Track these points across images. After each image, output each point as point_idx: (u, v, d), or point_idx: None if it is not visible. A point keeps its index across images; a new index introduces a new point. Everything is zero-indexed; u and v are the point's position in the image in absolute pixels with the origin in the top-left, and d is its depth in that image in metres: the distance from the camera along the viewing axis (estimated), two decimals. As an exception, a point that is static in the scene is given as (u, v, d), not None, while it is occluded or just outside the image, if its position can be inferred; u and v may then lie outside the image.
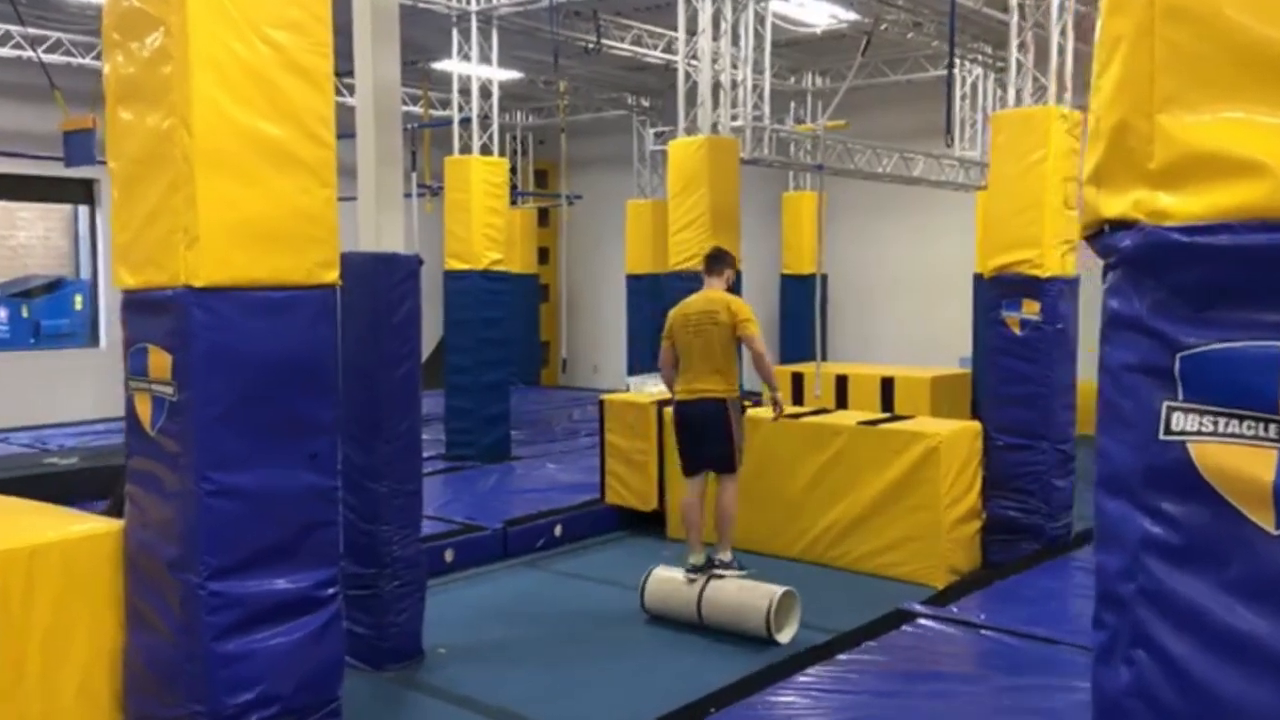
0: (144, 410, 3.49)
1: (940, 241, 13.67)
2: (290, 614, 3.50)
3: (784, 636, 5.68)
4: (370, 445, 5.39)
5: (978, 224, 12.56)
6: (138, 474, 3.57)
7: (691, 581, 6.03)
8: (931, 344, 13.76)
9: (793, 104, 14.15)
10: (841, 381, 12.94)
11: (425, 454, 10.47)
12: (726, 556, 6.10)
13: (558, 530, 7.92)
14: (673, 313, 6.32)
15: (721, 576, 5.97)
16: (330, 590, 3.63)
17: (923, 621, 5.53)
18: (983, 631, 5.43)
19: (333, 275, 3.69)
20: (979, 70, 12.25)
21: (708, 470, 6.26)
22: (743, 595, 5.83)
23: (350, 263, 5.57)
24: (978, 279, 12.48)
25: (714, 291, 6.27)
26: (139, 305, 3.60)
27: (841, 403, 12.18)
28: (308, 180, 3.53)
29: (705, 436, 6.14)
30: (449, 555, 7.20)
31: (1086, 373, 4.64)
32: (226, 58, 3.35)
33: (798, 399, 12.81)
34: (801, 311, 13.11)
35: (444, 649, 5.70)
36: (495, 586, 7.04)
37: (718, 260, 6.42)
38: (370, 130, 5.36)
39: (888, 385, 12.52)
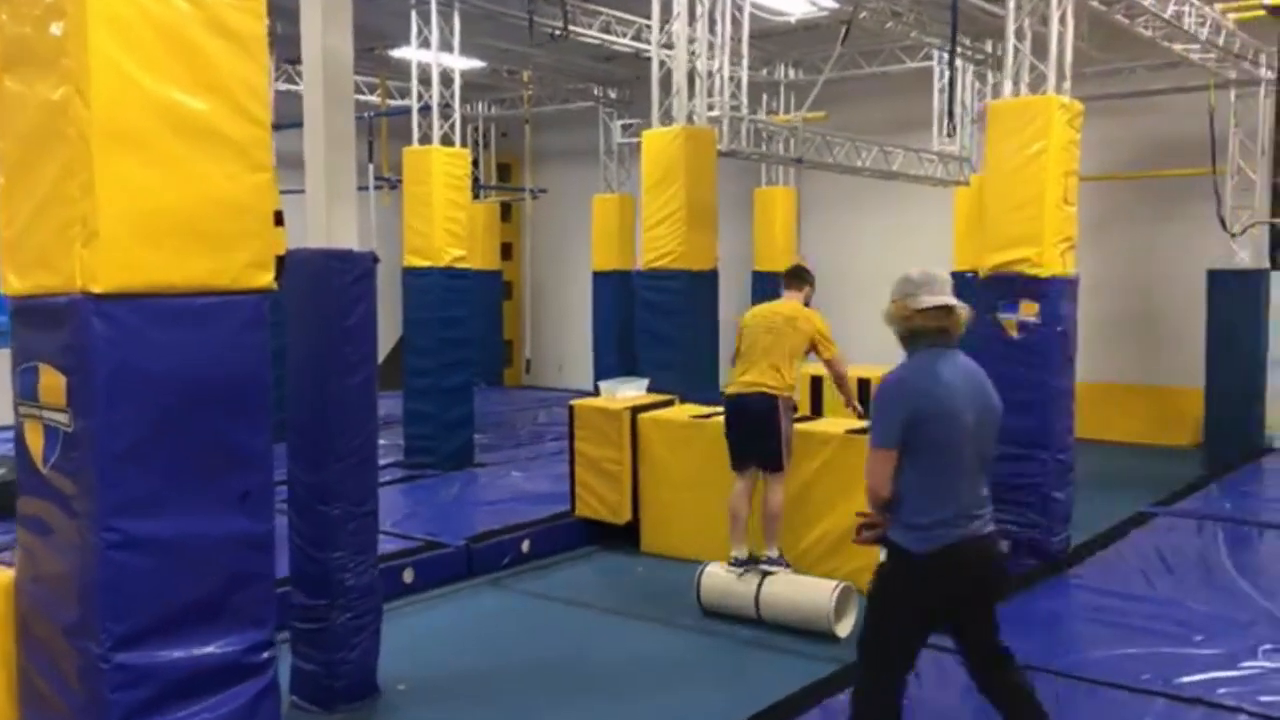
0: (35, 442, 2.90)
1: (916, 239, 13.26)
2: (215, 686, 2.92)
3: (843, 630, 5.73)
4: (320, 463, 4.86)
5: (955, 221, 12.22)
6: (29, 519, 2.97)
7: (740, 576, 6.10)
8: (907, 344, 13.36)
9: (765, 96, 13.72)
10: (815, 383, 12.52)
11: (382, 461, 10.02)
12: (774, 553, 6.17)
13: (525, 546, 7.40)
14: (749, 313, 6.46)
15: (771, 573, 6.05)
16: (264, 655, 3.07)
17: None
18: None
19: (266, 278, 3.10)
20: (959, 63, 11.85)
21: (755, 467, 6.28)
22: (801, 591, 5.89)
23: (298, 261, 5.05)
24: (956, 277, 12.11)
25: (796, 303, 6.39)
26: (27, 315, 2.98)
27: (815, 405, 11.74)
28: (235, 163, 2.95)
29: (756, 431, 6.17)
30: (408, 576, 6.67)
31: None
32: (132, 14, 2.76)
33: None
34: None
35: (403, 685, 5.19)
36: (458, 610, 6.52)
37: (799, 276, 6.57)
38: (318, 108, 4.83)
39: (863, 387, 12.07)
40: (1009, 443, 6.61)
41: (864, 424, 7.16)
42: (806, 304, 6.46)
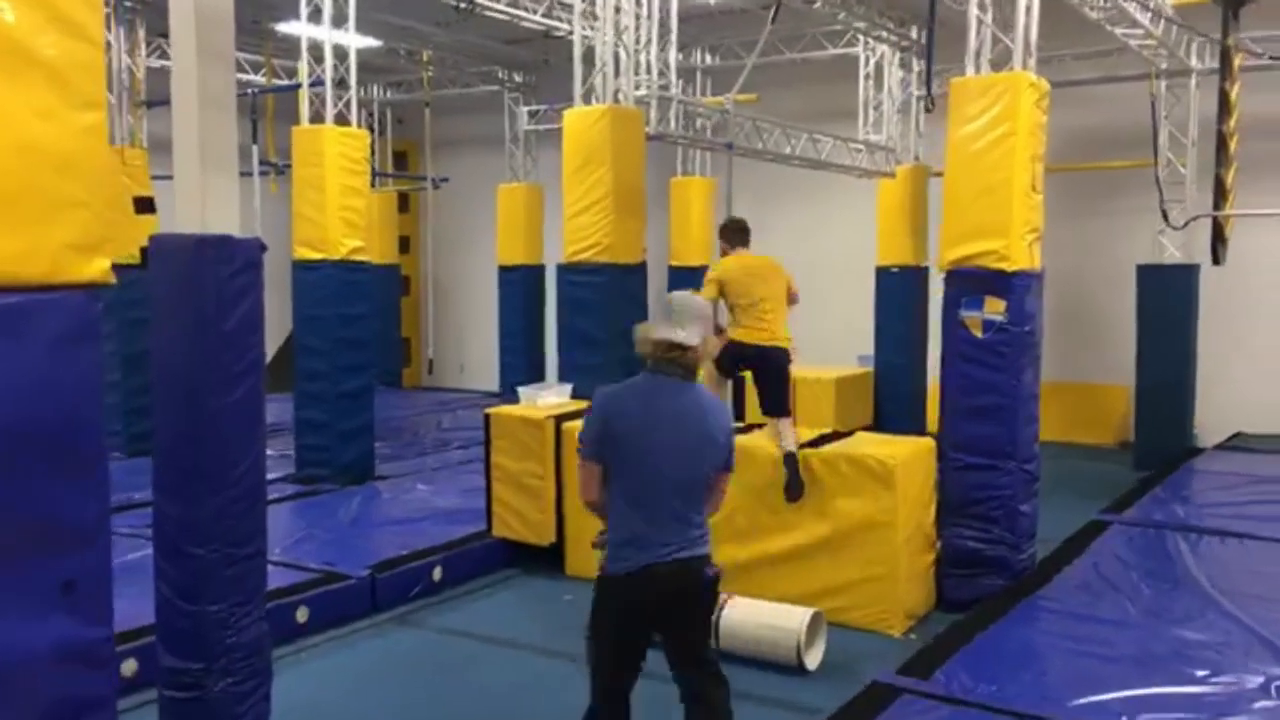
0: None
1: (837, 232, 12.80)
2: None
3: (812, 661, 5.31)
4: (194, 497, 3.98)
5: (879, 214, 11.75)
6: None
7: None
8: (829, 341, 12.84)
9: (681, 82, 13.01)
10: (738, 384, 11.91)
11: (272, 475, 9.00)
12: (793, 447, 6.16)
13: (436, 574, 6.57)
14: (727, 265, 6.43)
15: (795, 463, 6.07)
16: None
17: (909, 699, 4.45)
18: (980, 713, 4.39)
19: (98, 267, 2.21)
20: (884, 49, 11.39)
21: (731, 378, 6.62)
22: (766, 621, 5.41)
23: (164, 249, 4.15)
24: (880, 272, 11.70)
25: (758, 255, 6.53)
26: None
27: (738, 409, 11.12)
28: (50, 95, 2.07)
29: (771, 379, 6.37)
30: (301, 615, 5.79)
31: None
32: None
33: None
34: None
35: (298, 758, 4.34)
36: (361, 654, 5.66)
37: (748, 230, 6.63)
38: (190, 63, 3.94)
39: (789, 388, 11.56)
40: (974, 453, 6.14)
41: (816, 435, 6.56)
42: None
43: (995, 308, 6.03)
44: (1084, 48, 10.34)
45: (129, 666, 4.91)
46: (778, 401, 6.42)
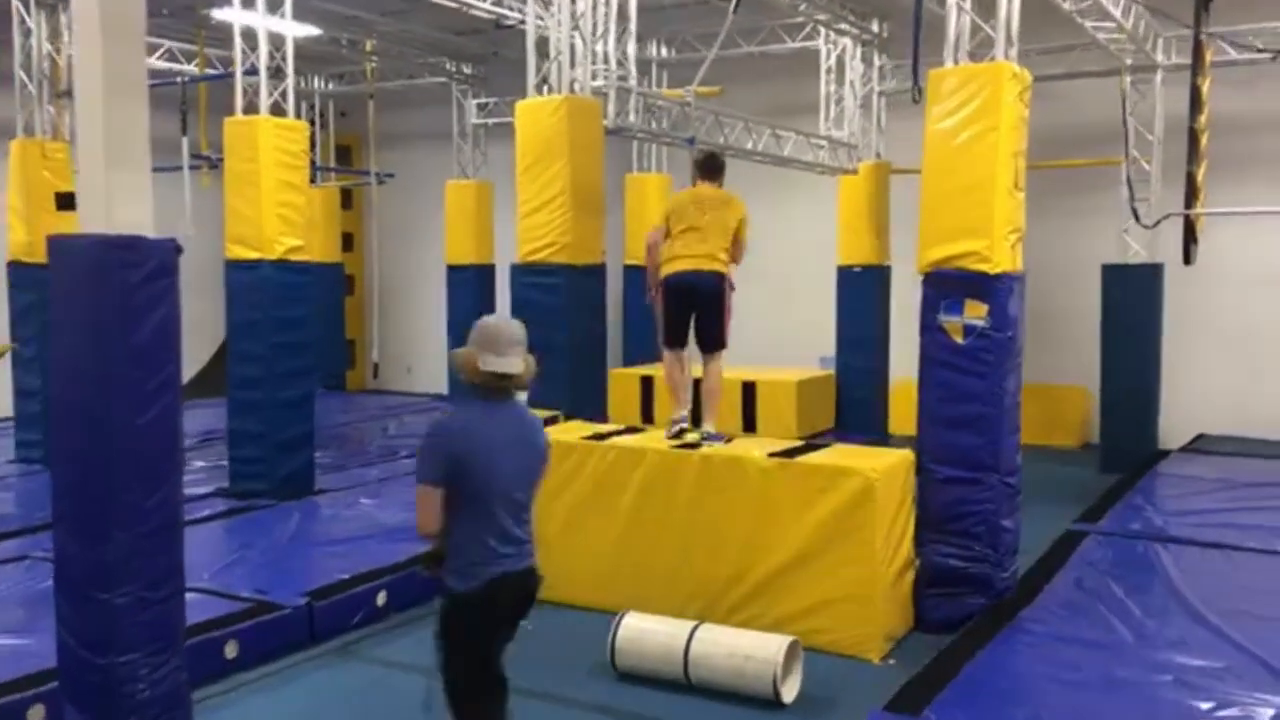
0: None
1: (799, 231, 12.46)
2: None
3: (789, 693, 4.94)
4: (101, 534, 3.50)
5: (840, 212, 11.44)
6: None
7: (680, 434, 6.28)
8: (789, 342, 12.56)
9: (637, 74, 12.60)
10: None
11: (202, 489, 8.56)
12: (713, 429, 6.31)
13: (381, 599, 6.10)
14: (677, 197, 6.39)
15: (711, 445, 6.05)
16: None
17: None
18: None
19: None
20: (845, 43, 11.07)
21: (686, 346, 6.47)
22: (740, 651, 5.03)
23: (64, 251, 3.66)
24: (841, 271, 11.39)
25: (719, 189, 6.40)
26: None
27: (695, 413, 10.74)
28: None
29: (705, 308, 6.29)
30: (231, 650, 5.29)
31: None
32: None
33: (648, 414, 11.34)
34: (648, 306, 11.65)
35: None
36: (298, 691, 5.18)
37: (719, 165, 6.50)
38: (94, 42, 3.45)
39: (749, 390, 11.24)
40: (954, 465, 5.81)
41: (788, 445, 6.20)
42: None
43: (976, 312, 5.70)
44: (1048, 43, 10.11)
45: (36, 714, 4.39)
46: (711, 332, 6.35)
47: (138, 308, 3.47)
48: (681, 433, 6.29)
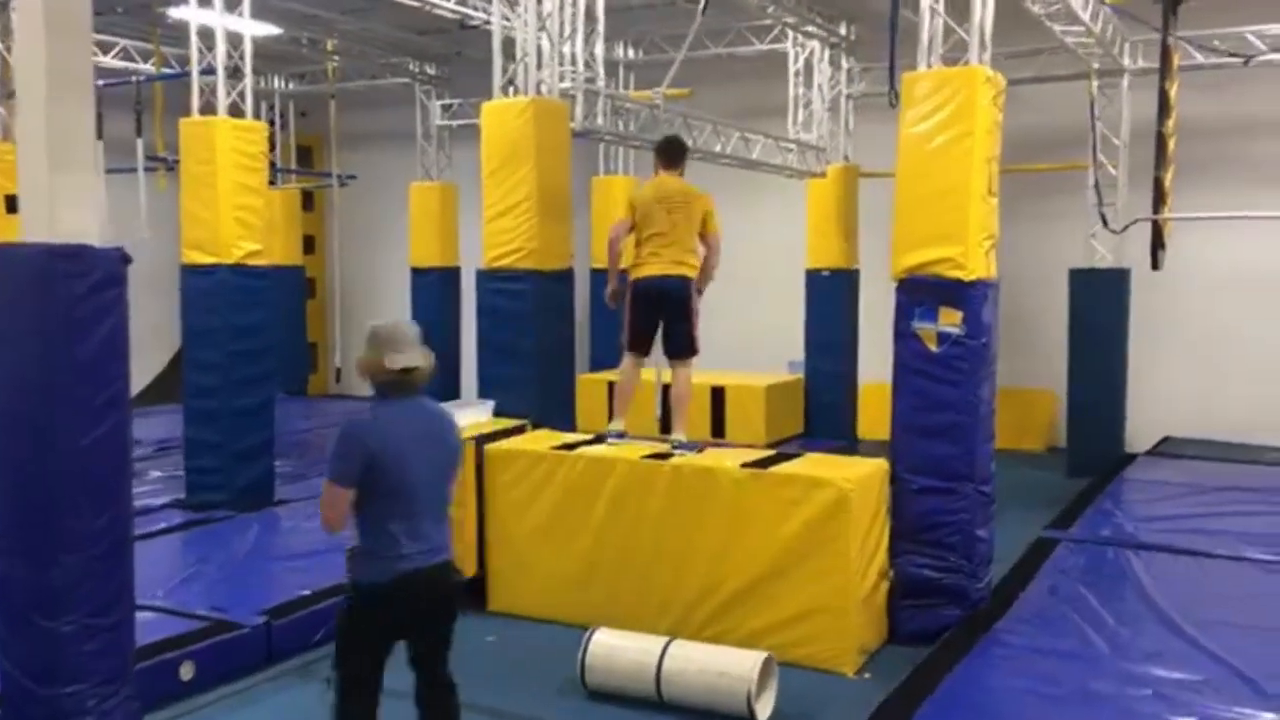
0: None
1: (766, 234, 12.38)
2: None
3: (764, 710, 4.80)
4: (45, 559, 3.32)
5: (808, 215, 11.36)
6: None
7: (611, 444, 6.20)
8: (758, 347, 12.48)
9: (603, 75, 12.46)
10: (663, 391, 11.41)
11: (158, 500, 8.32)
12: (684, 438, 6.24)
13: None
14: (641, 191, 6.40)
15: (683, 455, 5.94)
16: None
17: None
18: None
19: None
20: (814, 45, 11.00)
21: (648, 354, 6.48)
22: (713, 668, 4.89)
23: (4, 262, 3.47)
24: (809, 275, 11.31)
25: (680, 179, 6.40)
26: None
27: (663, 419, 10.63)
28: None
29: (674, 313, 6.26)
30: (186, 672, 5.09)
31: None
32: None
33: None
34: (614, 310, 11.52)
35: None
36: (257, 716, 5.00)
37: (681, 151, 6.54)
38: (37, 38, 3.27)
39: (718, 395, 11.14)
40: (929, 474, 5.73)
41: (761, 455, 6.09)
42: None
43: (951, 319, 5.62)
44: (1014, 46, 10.09)
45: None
46: (681, 338, 6.31)
47: (83, 320, 3.30)
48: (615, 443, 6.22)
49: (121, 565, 3.50)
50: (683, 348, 6.35)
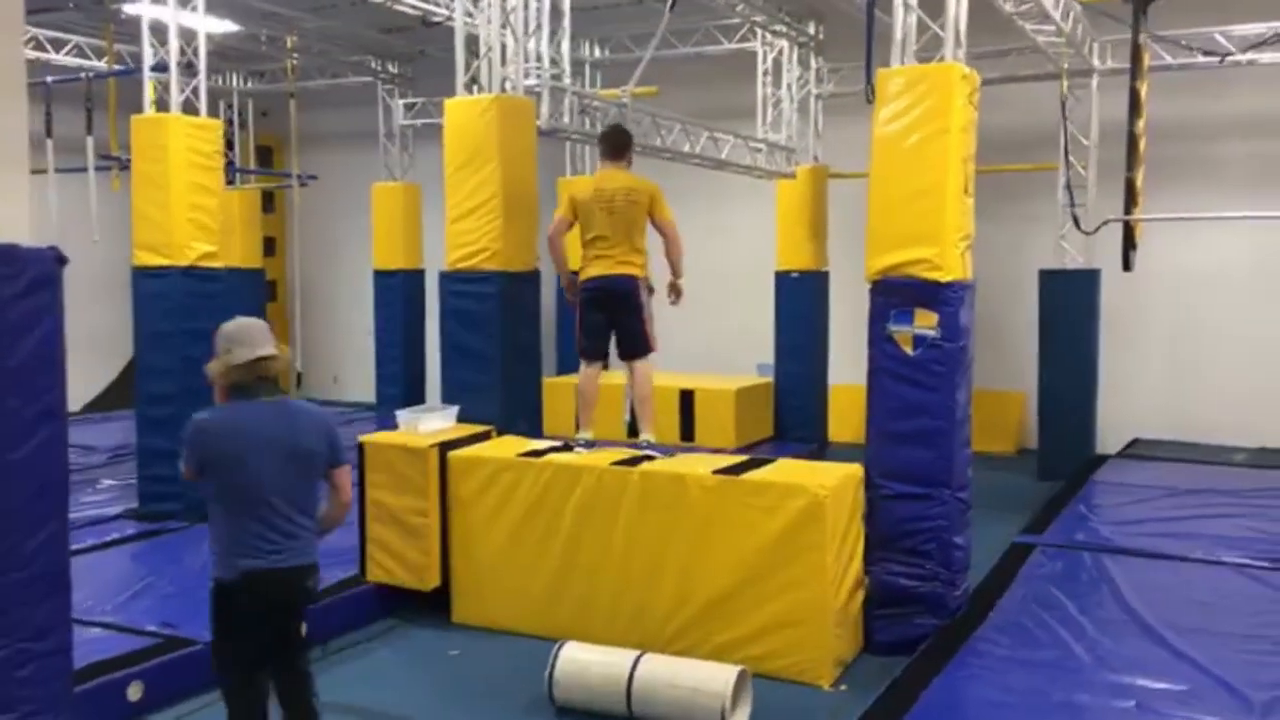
0: None
1: (739, 236, 12.26)
2: None
3: None
4: (-31, 582, 3.08)
5: (778, 217, 11.24)
6: None
7: (581, 451, 6.04)
8: (727, 349, 12.36)
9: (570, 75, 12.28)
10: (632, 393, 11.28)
11: (111, 511, 8.04)
12: (652, 437, 6.23)
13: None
14: (575, 186, 6.26)
15: (652, 458, 5.86)
16: None
17: None
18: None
19: None
20: (782, 44, 10.88)
21: (607, 358, 6.40)
22: (685, 683, 4.72)
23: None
24: (779, 277, 11.19)
25: (623, 171, 6.29)
26: None
27: (632, 422, 10.45)
28: None
29: (620, 312, 6.17)
30: (134, 692, 4.87)
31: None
32: None
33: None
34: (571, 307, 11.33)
35: None
36: (209, 738, 4.77)
37: (624, 142, 6.40)
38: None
39: (687, 399, 10.98)
40: (904, 481, 5.60)
41: (733, 461, 5.93)
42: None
43: (927, 321, 5.50)
44: (983, 46, 10.01)
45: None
46: (632, 339, 6.20)
47: (12, 326, 3.08)
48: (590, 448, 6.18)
49: (58, 588, 3.28)
50: (636, 348, 6.28)
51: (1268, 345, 10.50)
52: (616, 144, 6.39)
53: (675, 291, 6.50)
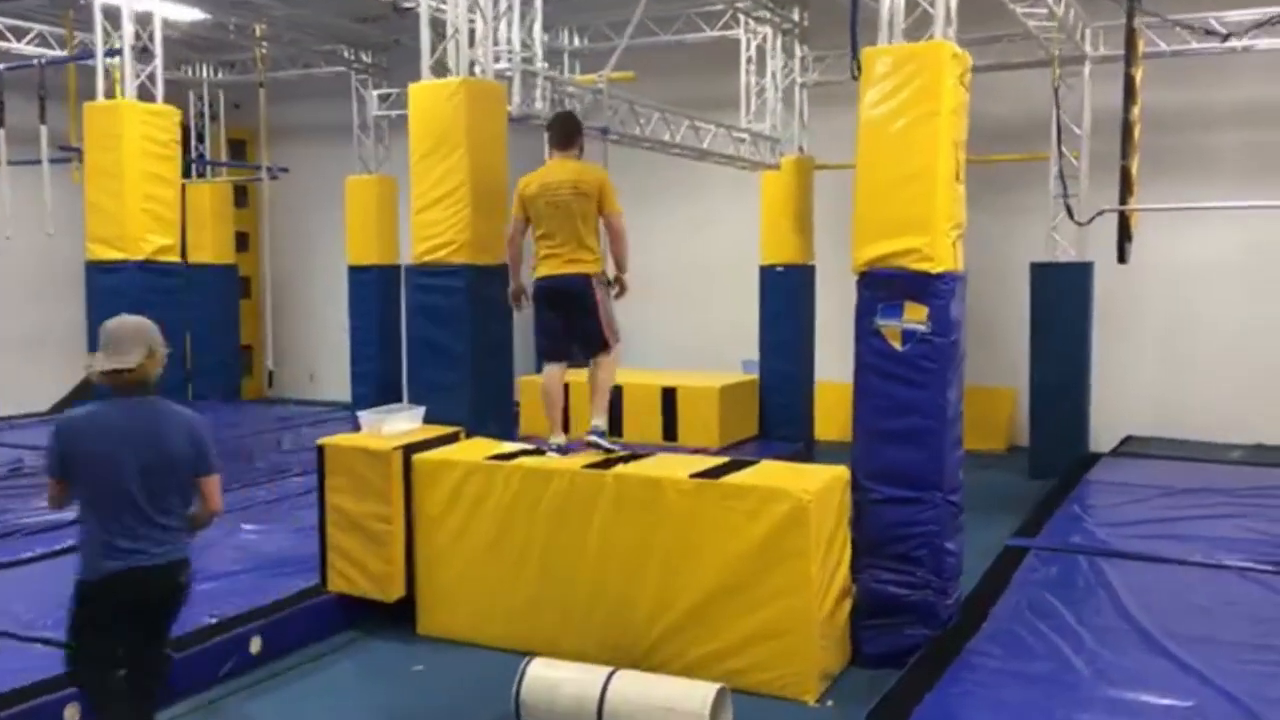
0: None
1: (718, 229, 11.97)
2: None
3: None
4: None
5: (762, 209, 10.94)
6: None
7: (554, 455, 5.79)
8: (711, 346, 12.07)
9: (546, 65, 11.94)
10: (613, 392, 10.95)
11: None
12: (602, 424, 6.01)
13: (255, 645, 5.37)
14: (524, 182, 5.93)
15: (599, 445, 5.83)
16: None
17: None
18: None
19: None
20: (766, 32, 10.58)
21: (569, 358, 6.14)
22: (661, 702, 4.45)
23: None
24: (764, 271, 10.90)
25: (572, 161, 5.99)
26: None
27: (614, 421, 10.14)
28: None
29: (575, 315, 5.94)
30: (71, 715, 4.53)
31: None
32: None
33: (564, 424, 10.68)
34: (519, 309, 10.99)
35: None
36: (149, 765, 4.44)
37: (572, 129, 6.07)
38: None
39: (669, 397, 10.66)
40: (893, 483, 5.31)
41: (712, 464, 5.62)
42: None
43: (916, 315, 5.20)
44: (973, 33, 9.74)
45: None
46: (591, 338, 5.97)
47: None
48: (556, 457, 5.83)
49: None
50: (596, 346, 6.01)
51: (1264, 340, 10.26)
52: (565, 131, 6.03)
53: (620, 286, 6.11)
